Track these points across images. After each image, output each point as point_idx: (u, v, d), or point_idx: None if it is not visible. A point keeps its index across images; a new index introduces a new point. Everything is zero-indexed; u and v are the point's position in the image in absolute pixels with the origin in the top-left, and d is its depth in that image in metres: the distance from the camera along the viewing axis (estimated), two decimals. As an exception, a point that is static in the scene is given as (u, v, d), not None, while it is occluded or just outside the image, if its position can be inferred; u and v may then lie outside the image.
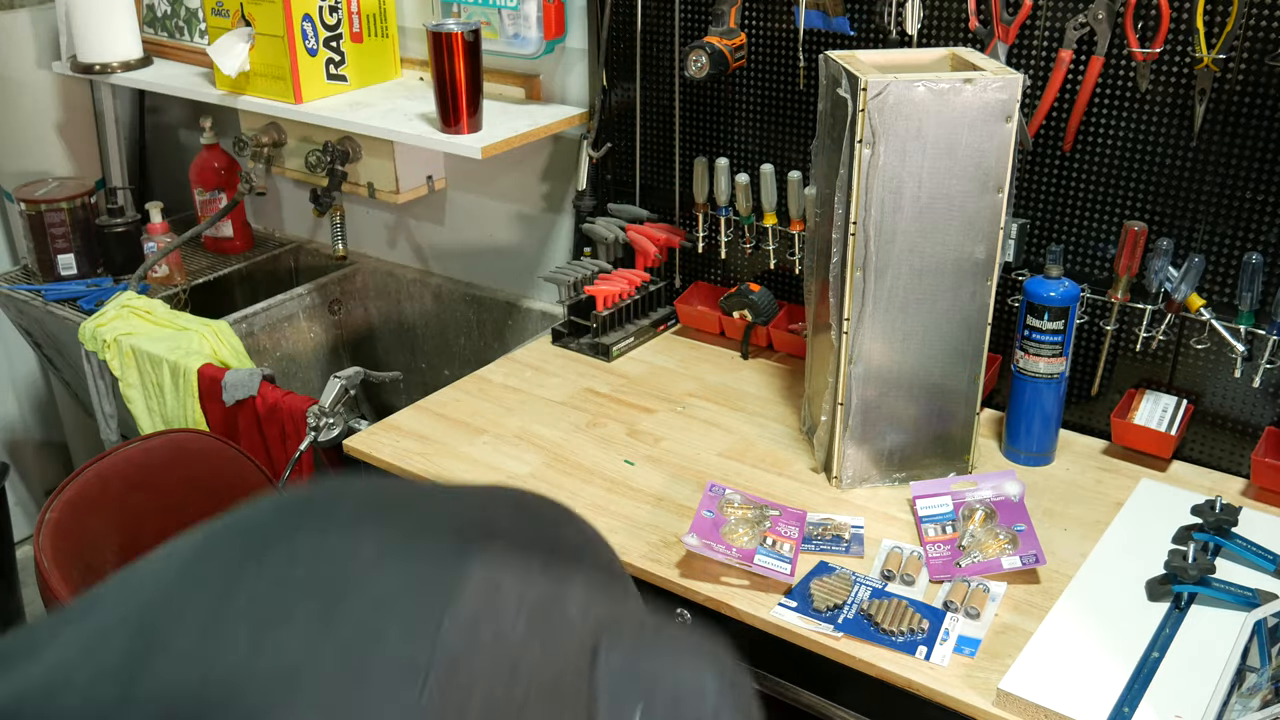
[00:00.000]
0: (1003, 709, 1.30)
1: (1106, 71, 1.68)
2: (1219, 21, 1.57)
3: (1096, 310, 1.79)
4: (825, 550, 1.57)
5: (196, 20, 2.54)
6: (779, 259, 2.08)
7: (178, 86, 2.45)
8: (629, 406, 1.96)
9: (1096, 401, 1.84)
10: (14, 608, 1.94)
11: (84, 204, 2.55)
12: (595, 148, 2.24)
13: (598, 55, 2.17)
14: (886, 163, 1.53)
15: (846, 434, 1.69)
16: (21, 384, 3.05)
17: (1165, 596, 1.44)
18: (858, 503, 1.69)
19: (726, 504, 1.61)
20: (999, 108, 1.51)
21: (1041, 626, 1.40)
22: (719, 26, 1.98)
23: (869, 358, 1.65)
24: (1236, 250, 1.65)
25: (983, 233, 1.58)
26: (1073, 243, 1.79)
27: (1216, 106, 1.61)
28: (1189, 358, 1.74)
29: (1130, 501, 1.65)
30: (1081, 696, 1.28)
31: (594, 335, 2.13)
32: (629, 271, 2.21)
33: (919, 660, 1.37)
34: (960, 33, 1.79)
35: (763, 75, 2.02)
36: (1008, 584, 1.49)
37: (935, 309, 1.62)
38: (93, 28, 2.45)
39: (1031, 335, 1.70)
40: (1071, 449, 1.81)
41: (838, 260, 1.62)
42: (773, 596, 1.48)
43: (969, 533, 1.55)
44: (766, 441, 1.85)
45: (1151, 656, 1.34)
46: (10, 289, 2.60)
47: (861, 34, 1.88)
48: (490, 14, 2.18)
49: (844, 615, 1.44)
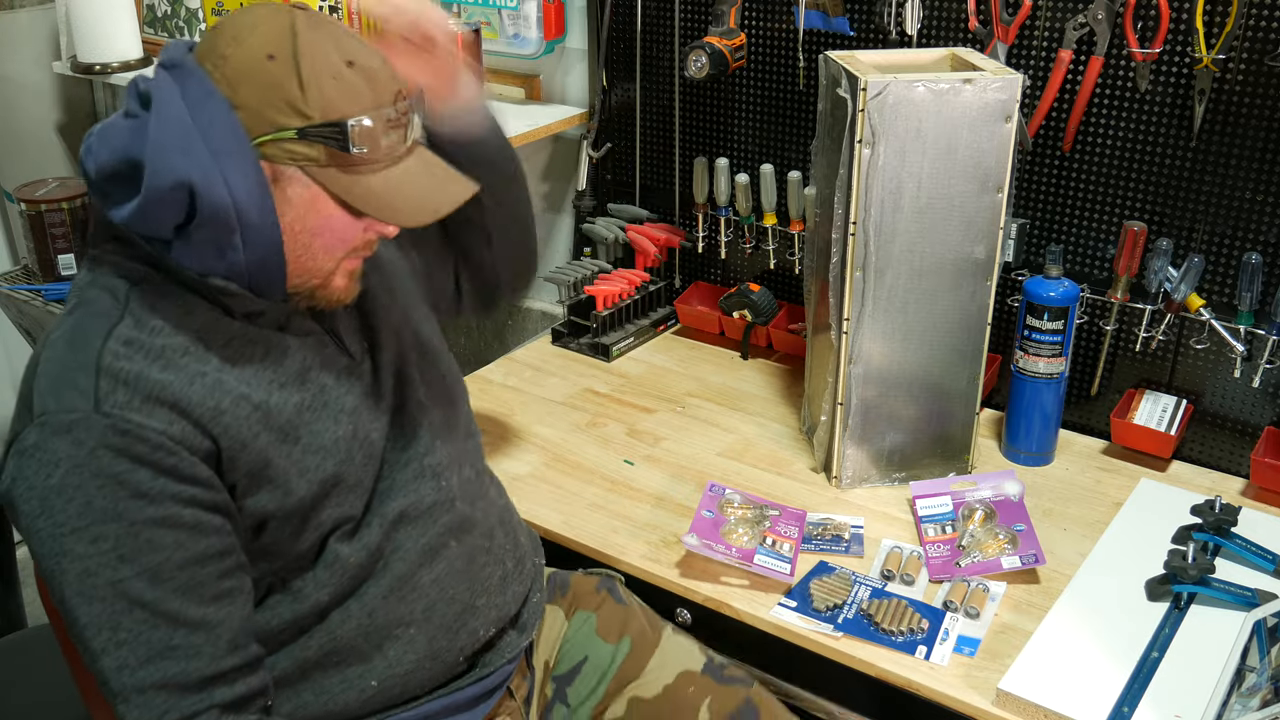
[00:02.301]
0: (1002, 709, 1.30)
1: (1106, 71, 1.68)
2: (1219, 21, 1.57)
3: (1096, 310, 1.79)
4: (825, 550, 1.57)
5: (196, 20, 2.54)
6: (779, 259, 2.08)
7: (178, 86, 2.45)
8: (629, 406, 1.96)
9: (1096, 401, 1.84)
10: (14, 608, 1.94)
11: (84, 204, 2.55)
12: (595, 148, 2.24)
13: (598, 55, 2.17)
14: (886, 163, 1.53)
15: (846, 434, 1.69)
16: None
17: (1165, 596, 1.44)
18: (857, 503, 1.69)
19: (726, 504, 1.61)
20: (999, 108, 1.51)
21: (1041, 626, 1.40)
22: (719, 26, 1.98)
23: (869, 358, 1.65)
24: (1236, 250, 1.65)
25: (982, 233, 1.58)
26: (1072, 243, 1.79)
27: (1216, 106, 1.61)
28: (1188, 358, 1.74)
29: (1130, 501, 1.65)
30: (1081, 696, 1.28)
31: (594, 335, 2.13)
32: (629, 271, 2.21)
33: (919, 660, 1.37)
34: (960, 33, 1.79)
35: (763, 75, 2.02)
36: (1007, 584, 1.49)
37: (935, 309, 1.62)
38: (92, 28, 2.45)
39: (1031, 335, 1.70)
40: (1071, 449, 1.81)
41: (838, 260, 1.62)
42: (772, 596, 1.48)
43: (969, 533, 1.55)
44: (766, 441, 1.85)
45: (1151, 656, 1.34)
46: (10, 289, 2.60)
47: (861, 34, 1.88)
48: (490, 14, 2.18)
49: (844, 615, 1.44)
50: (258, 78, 1.06)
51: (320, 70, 1.07)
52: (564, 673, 1.43)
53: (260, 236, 1.08)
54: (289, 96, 1.06)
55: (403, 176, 1.12)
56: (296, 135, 1.07)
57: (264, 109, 1.06)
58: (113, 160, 1.07)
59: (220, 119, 1.05)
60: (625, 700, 1.40)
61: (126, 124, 1.07)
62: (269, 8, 1.09)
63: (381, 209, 1.12)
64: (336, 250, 1.14)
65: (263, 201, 1.07)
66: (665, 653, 1.44)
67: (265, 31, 1.07)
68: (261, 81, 1.06)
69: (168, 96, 1.05)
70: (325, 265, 1.15)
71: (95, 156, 1.08)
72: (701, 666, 1.43)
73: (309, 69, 1.06)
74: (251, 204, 1.06)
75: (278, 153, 1.07)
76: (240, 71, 1.06)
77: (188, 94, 1.05)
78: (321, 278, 1.16)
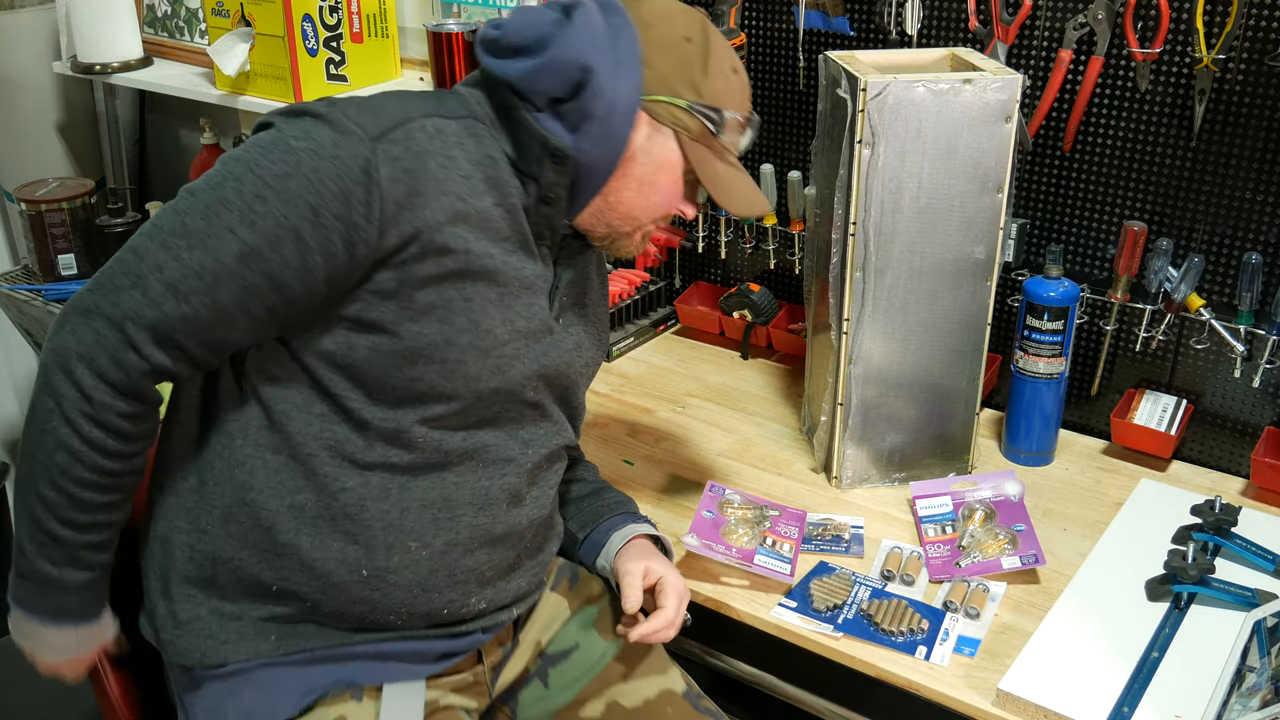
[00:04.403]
0: (1002, 709, 1.30)
1: (1106, 71, 1.68)
2: (1219, 21, 1.57)
3: (1096, 310, 1.79)
4: (825, 550, 1.57)
5: (196, 20, 2.54)
6: (779, 259, 2.08)
7: (178, 86, 2.45)
8: (629, 406, 1.96)
9: (1096, 401, 1.84)
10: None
11: (84, 204, 2.55)
12: (595, 148, 2.24)
13: (598, 55, 2.17)
14: (886, 163, 1.53)
15: (846, 434, 1.69)
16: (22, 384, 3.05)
17: (1165, 596, 1.44)
18: (858, 503, 1.69)
19: (726, 504, 1.61)
20: (999, 108, 1.51)
21: (1041, 626, 1.40)
22: (719, 26, 1.98)
23: (869, 358, 1.65)
24: (1236, 250, 1.65)
25: (982, 233, 1.58)
26: (1073, 243, 1.79)
27: (1216, 106, 1.61)
28: (1189, 358, 1.74)
29: (1130, 501, 1.65)
30: (1081, 696, 1.28)
31: (594, 335, 2.13)
32: (629, 271, 2.21)
33: (919, 660, 1.37)
34: (960, 33, 1.79)
35: (763, 75, 2.02)
36: (1007, 584, 1.49)
37: (935, 309, 1.62)
38: (93, 28, 2.45)
39: (1031, 335, 1.70)
40: (1071, 449, 1.81)
41: (838, 260, 1.62)
42: (772, 596, 1.48)
43: (969, 533, 1.55)
44: (766, 441, 1.85)
45: (1151, 656, 1.34)
46: (10, 289, 2.60)
47: (861, 34, 1.88)
48: (490, 14, 2.18)
49: (844, 615, 1.44)
50: (673, 51, 1.23)
51: (721, 65, 1.26)
52: (553, 654, 1.43)
53: (608, 143, 1.22)
54: (693, 75, 1.23)
55: (734, 174, 1.30)
56: (687, 107, 1.23)
57: (670, 77, 1.23)
58: (524, 35, 1.21)
59: (631, 46, 1.21)
60: (605, 702, 1.40)
61: (551, 15, 1.22)
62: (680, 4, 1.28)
63: (720, 192, 1.27)
64: (654, 211, 1.29)
65: (629, 115, 1.21)
66: (651, 666, 1.44)
67: (687, 18, 1.25)
68: (676, 55, 1.23)
69: (592, 13, 1.21)
70: (640, 219, 1.29)
71: (505, 27, 1.23)
72: (683, 692, 1.43)
73: (714, 60, 1.25)
74: (622, 112, 1.21)
75: (664, 113, 1.23)
76: (662, 40, 1.23)
77: (609, 18, 1.21)
78: (631, 228, 1.30)
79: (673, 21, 1.24)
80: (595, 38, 1.19)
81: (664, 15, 1.24)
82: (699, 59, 1.24)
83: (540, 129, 1.21)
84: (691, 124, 1.24)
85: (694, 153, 1.26)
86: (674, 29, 1.24)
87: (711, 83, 1.24)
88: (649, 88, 1.22)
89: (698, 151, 1.26)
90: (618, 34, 1.21)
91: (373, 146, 1.12)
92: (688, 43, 1.24)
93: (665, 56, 1.23)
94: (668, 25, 1.24)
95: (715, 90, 1.25)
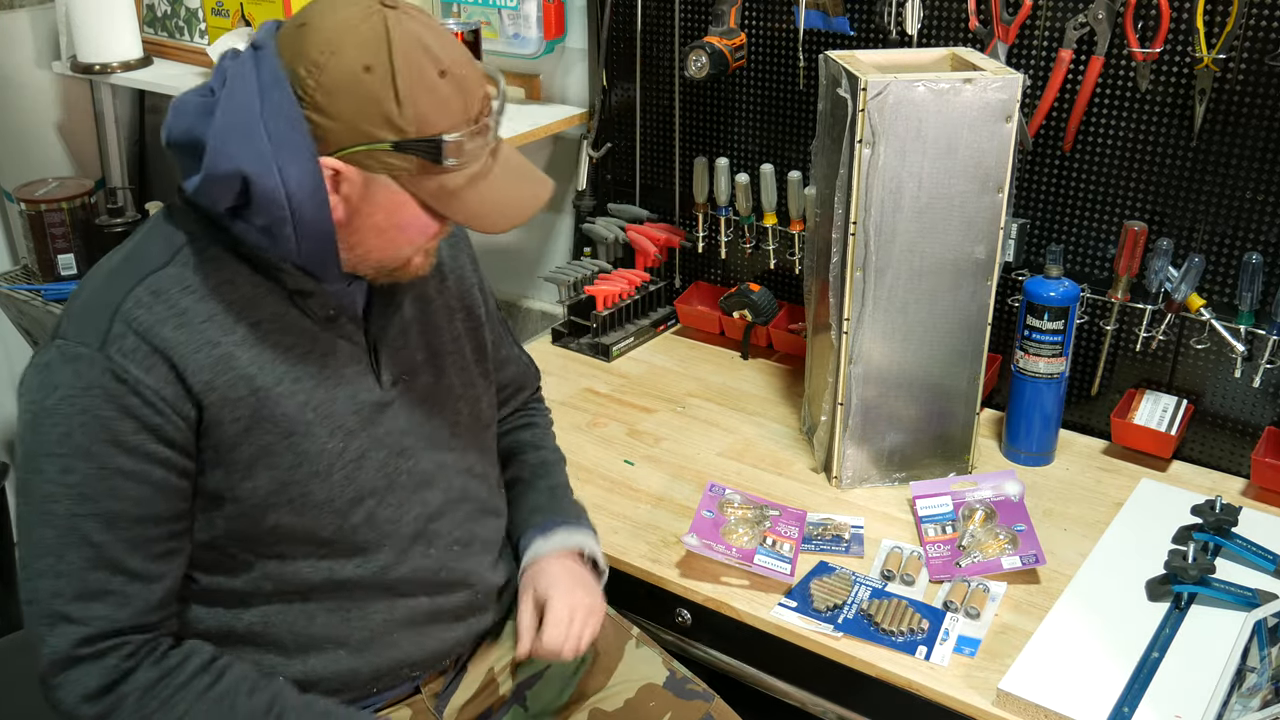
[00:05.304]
0: (1002, 709, 1.29)
1: (1106, 71, 1.68)
2: (1219, 21, 1.57)
3: (1096, 310, 1.79)
4: (825, 550, 1.57)
5: (196, 20, 2.54)
6: (779, 259, 2.08)
7: (178, 86, 2.44)
8: (629, 406, 1.96)
9: (1096, 401, 1.84)
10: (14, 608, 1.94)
11: (84, 204, 2.55)
12: (595, 148, 2.24)
13: (598, 55, 2.17)
14: (886, 163, 1.53)
15: (846, 434, 1.69)
16: (21, 384, 3.05)
17: (1165, 596, 1.44)
18: (858, 503, 1.69)
19: (726, 504, 1.61)
20: (999, 108, 1.51)
21: (1041, 626, 1.40)
22: (719, 26, 1.98)
23: (869, 358, 1.65)
24: (1236, 250, 1.65)
25: (983, 233, 1.58)
26: (1073, 243, 1.79)
27: (1216, 106, 1.61)
28: (1189, 358, 1.74)
29: (1130, 501, 1.65)
30: (1081, 696, 1.28)
31: (594, 335, 2.13)
32: (629, 271, 2.21)
33: (919, 660, 1.37)
34: (960, 33, 1.79)
35: (763, 75, 2.01)
36: (1008, 584, 1.49)
37: (935, 309, 1.62)
38: (92, 28, 2.45)
39: (1031, 335, 1.70)
40: (1071, 449, 1.81)
41: (838, 260, 1.62)
42: (773, 596, 1.48)
43: (969, 533, 1.55)
44: (766, 441, 1.85)
45: (1151, 656, 1.34)
46: (10, 289, 2.60)
47: (861, 34, 1.88)
48: (490, 14, 2.18)
49: (844, 615, 1.44)
50: (355, 91, 1.06)
51: (416, 84, 1.07)
52: (525, 676, 1.41)
53: (313, 229, 1.10)
54: (386, 112, 1.06)
55: (486, 181, 1.14)
56: (391, 148, 1.08)
57: (360, 122, 1.07)
58: (181, 135, 1.10)
59: (286, 111, 1.06)
60: (586, 712, 1.39)
61: (198, 101, 1.10)
62: (359, 6, 1.08)
63: (468, 217, 1.15)
64: (419, 242, 1.17)
65: (316, 195, 1.08)
66: (628, 665, 1.42)
67: (360, 39, 1.06)
68: (359, 95, 1.06)
69: (243, 81, 1.07)
70: (406, 253, 1.18)
71: (169, 127, 1.12)
72: (664, 680, 1.41)
73: (405, 84, 1.06)
74: (305, 197, 1.07)
75: (370, 162, 1.09)
76: (337, 83, 1.06)
77: (261, 77, 1.07)
78: (401, 262, 1.19)
79: (343, 54, 1.06)
80: (245, 124, 1.05)
81: (332, 48, 1.06)
82: (385, 89, 1.06)
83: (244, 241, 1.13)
84: (404, 164, 1.09)
85: (421, 188, 1.11)
86: (347, 63, 1.05)
87: (412, 108, 1.07)
88: (338, 142, 1.07)
89: (425, 185, 1.11)
90: (269, 98, 1.06)
91: (107, 355, 1.08)
92: (368, 73, 1.06)
93: (346, 100, 1.06)
94: (339, 60, 1.06)
95: (420, 115, 1.07)
